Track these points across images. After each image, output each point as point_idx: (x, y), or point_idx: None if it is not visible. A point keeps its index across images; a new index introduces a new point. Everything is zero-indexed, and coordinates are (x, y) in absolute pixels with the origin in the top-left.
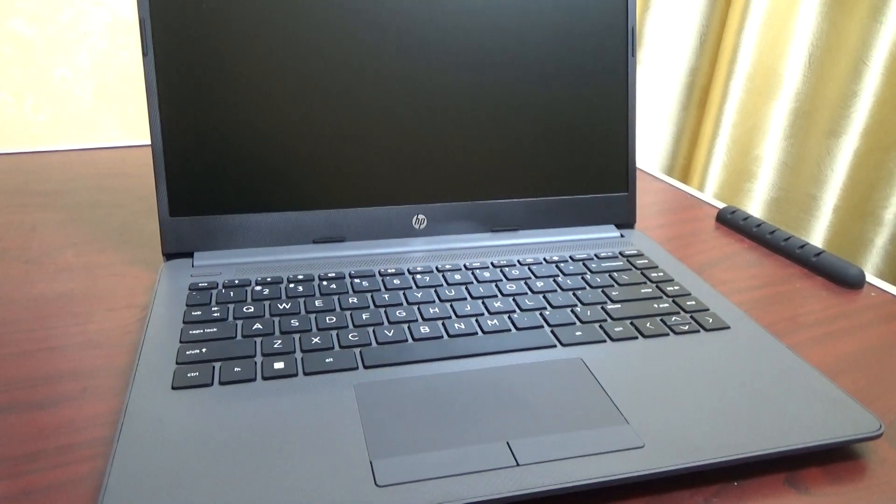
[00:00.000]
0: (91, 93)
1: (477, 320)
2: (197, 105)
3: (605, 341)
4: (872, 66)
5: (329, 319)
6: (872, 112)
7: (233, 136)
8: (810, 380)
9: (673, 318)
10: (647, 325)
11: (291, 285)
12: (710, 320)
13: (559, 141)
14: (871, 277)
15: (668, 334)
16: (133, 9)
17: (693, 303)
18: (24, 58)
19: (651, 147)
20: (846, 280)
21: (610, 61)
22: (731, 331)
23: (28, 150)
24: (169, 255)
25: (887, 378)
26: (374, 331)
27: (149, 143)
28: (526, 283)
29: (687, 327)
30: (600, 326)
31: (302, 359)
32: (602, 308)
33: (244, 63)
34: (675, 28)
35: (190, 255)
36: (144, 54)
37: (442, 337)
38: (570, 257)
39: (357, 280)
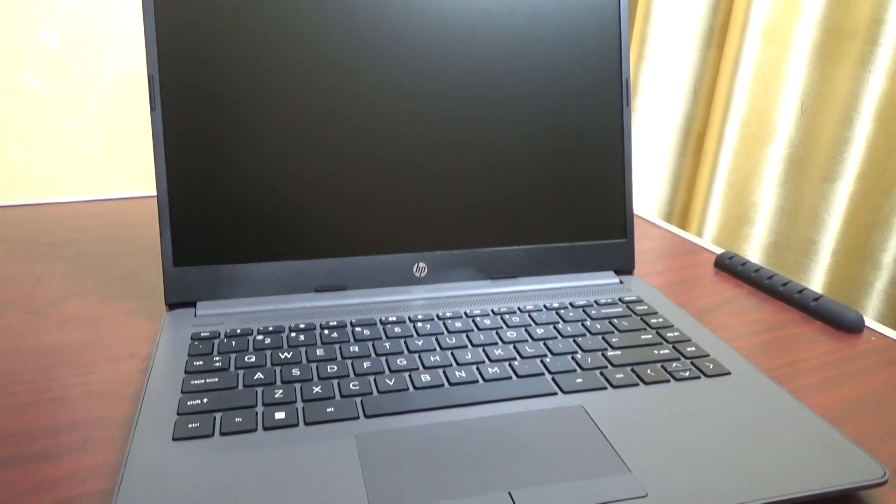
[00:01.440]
0: (98, 145)
1: (478, 368)
2: (202, 158)
3: (605, 388)
4: (863, 113)
5: (330, 368)
6: (866, 157)
7: (236, 188)
8: (813, 426)
9: (673, 365)
10: (648, 371)
11: (293, 334)
12: (711, 366)
13: (557, 189)
14: (870, 321)
15: (668, 381)
16: (139, 64)
17: (693, 349)
18: (34, 111)
19: (649, 193)
20: (845, 325)
21: (605, 111)
22: (731, 377)
23: (35, 202)
24: (172, 305)
25: (891, 423)
26: (375, 379)
27: (152, 194)
28: (526, 331)
29: (688, 373)
30: (601, 373)
31: (303, 408)
32: (602, 355)
33: (248, 118)
34: (670, 77)
35: (193, 304)
36: (152, 109)
37: (443, 385)
38: (570, 304)
39: (358, 328)
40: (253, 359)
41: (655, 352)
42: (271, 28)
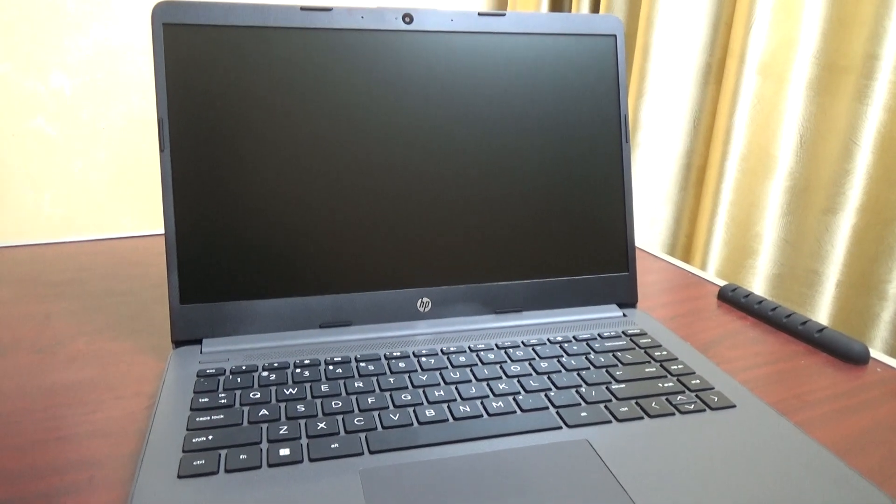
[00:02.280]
0: (106, 185)
1: (482, 402)
2: (209, 198)
3: (610, 422)
4: (862, 146)
5: (335, 404)
6: (867, 189)
7: (242, 227)
8: (820, 459)
9: (678, 398)
10: (653, 404)
11: (298, 370)
12: (716, 399)
13: (560, 224)
14: (876, 353)
15: (673, 414)
16: (148, 107)
17: (698, 381)
18: (45, 153)
19: (652, 227)
20: (850, 356)
21: (606, 147)
22: (737, 409)
23: (45, 242)
24: (178, 343)
25: None
26: (379, 415)
27: (159, 232)
28: (530, 364)
29: (693, 406)
30: (605, 407)
31: (307, 445)
32: (607, 388)
33: (254, 159)
34: (670, 112)
35: (199, 341)
36: (161, 150)
37: (447, 420)
38: (574, 337)
39: (363, 364)
40: (258, 395)
41: (660, 385)
42: (278, 72)
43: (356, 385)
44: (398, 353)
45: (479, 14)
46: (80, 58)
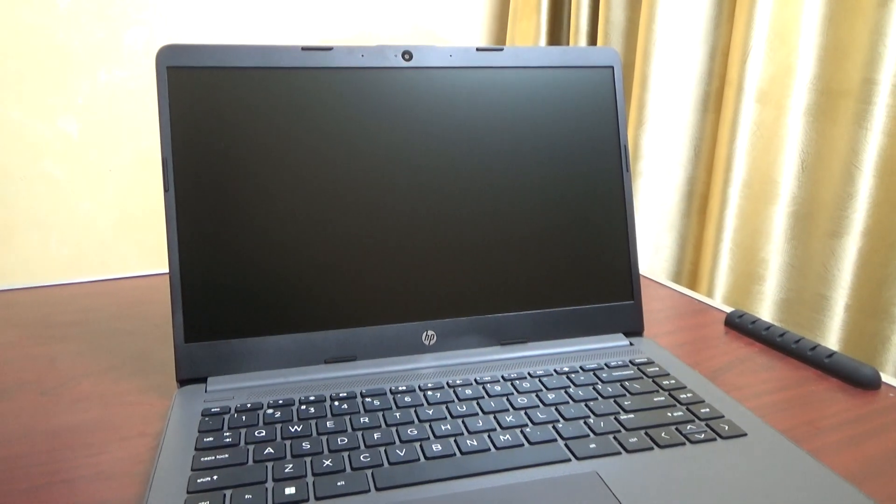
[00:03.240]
0: (112, 225)
1: (489, 436)
2: (213, 236)
3: (620, 453)
4: (864, 170)
5: (341, 441)
6: (870, 213)
7: (246, 264)
8: (835, 487)
9: (688, 427)
10: (662, 434)
11: (303, 407)
12: (726, 427)
13: (563, 254)
14: (887, 377)
15: (684, 444)
16: (154, 148)
17: (707, 410)
18: (52, 195)
19: (657, 255)
20: (861, 381)
21: (607, 177)
22: (748, 438)
23: (50, 283)
24: (183, 381)
25: None
26: (385, 451)
27: (163, 271)
28: (537, 396)
29: (703, 436)
30: (614, 438)
31: (313, 483)
32: (615, 419)
33: (257, 197)
34: (670, 141)
35: (204, 380)
36: (166, 190)
37: (454, 455)
38: (581, 367)
39: (369, 399)
40: (263, 433)
41: (669, 414)
42: (280, 112)
43: (362, 421)
44: (404, 388)
45: (478, 49)
46: (87, 101)
